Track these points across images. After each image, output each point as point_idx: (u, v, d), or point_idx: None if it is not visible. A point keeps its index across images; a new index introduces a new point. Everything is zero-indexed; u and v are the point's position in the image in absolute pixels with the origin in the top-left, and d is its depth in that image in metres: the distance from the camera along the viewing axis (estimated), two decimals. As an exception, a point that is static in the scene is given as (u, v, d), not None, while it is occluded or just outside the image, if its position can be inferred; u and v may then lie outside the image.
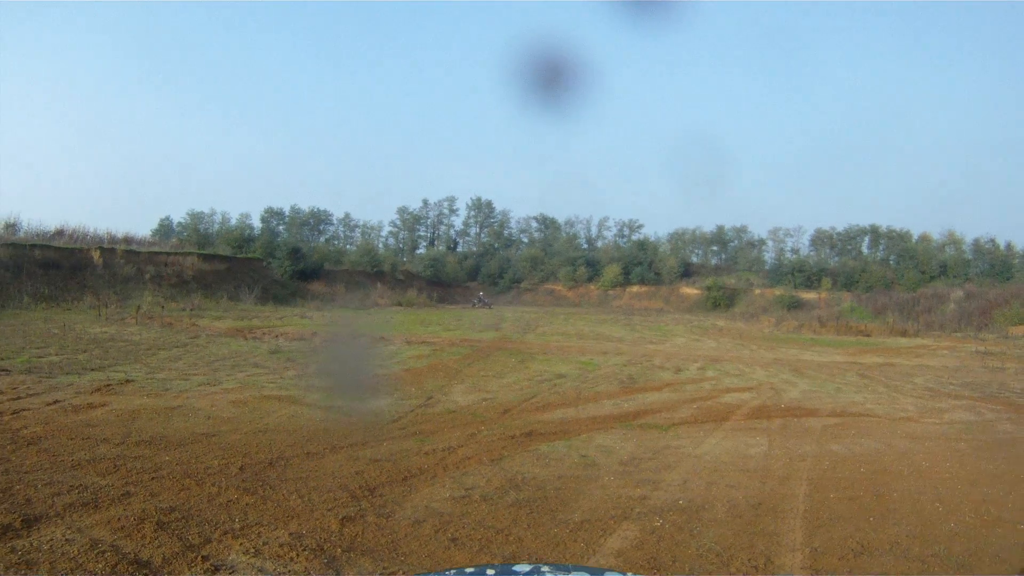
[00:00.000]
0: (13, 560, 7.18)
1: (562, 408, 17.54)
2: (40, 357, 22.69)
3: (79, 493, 9.26)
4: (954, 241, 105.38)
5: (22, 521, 8.12)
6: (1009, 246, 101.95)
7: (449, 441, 13.30)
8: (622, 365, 26.80)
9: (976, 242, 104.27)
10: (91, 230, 63.51)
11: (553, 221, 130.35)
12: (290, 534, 8.14)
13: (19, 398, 16.01)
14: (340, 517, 8.79)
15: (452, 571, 3.20)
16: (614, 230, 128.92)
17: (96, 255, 55.79)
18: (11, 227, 57.72)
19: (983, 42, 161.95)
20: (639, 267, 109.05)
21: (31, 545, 7.53)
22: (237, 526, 8.35)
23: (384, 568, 7.41)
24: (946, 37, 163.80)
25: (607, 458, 12.65)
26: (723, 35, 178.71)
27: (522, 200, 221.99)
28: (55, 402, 15.62)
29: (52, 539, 7.73)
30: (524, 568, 3.03)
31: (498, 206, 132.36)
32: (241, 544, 7.83)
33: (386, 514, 9.05)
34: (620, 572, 3.52)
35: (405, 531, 8.50)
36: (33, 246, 53.21)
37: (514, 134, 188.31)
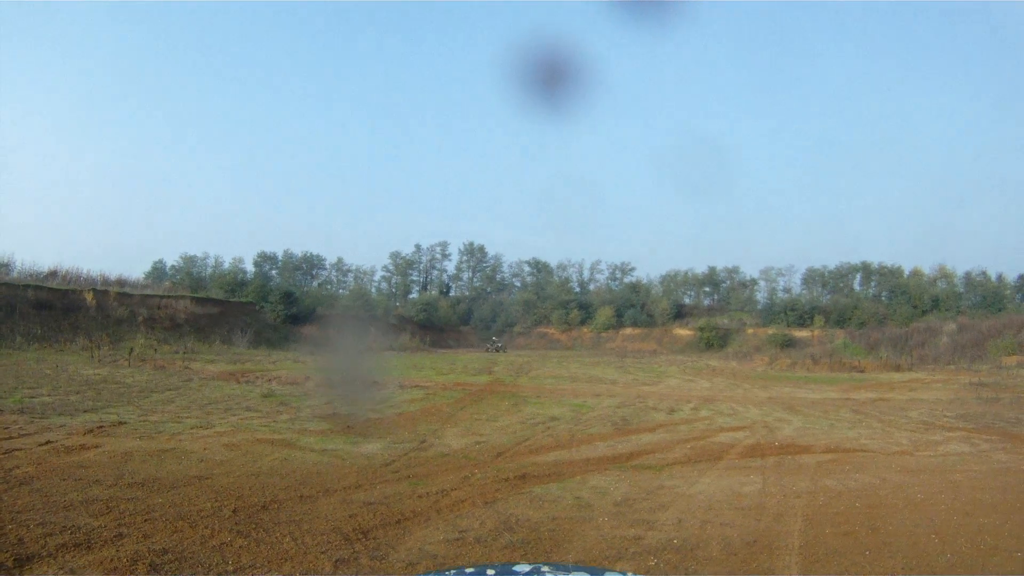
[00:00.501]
0: (4, 599, 7.17)
1: (556, 450, 17.47)
2: (32, 397, 22.72)
3: (72, 534, 9.24)
4: (945, 275, 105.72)
5: (14, 560, 8.13)
6: (1000, 278, 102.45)
7: (442, 484, 13.25)
8: (615, 407, 26.72)
9: (968, 275, 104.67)
10: (84, 271, 63.57)
11: (545, 265, 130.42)
12: (283, 577, 8.11)
13: (11, 438, 16.00)
14: (334, 560, 8.77)
15: (452, 571, 3.22)
16: (606, 273, 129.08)
17: (89, 296, 55.81)
18: (5, 267, 57.91)
19: (968, 73, 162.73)
20: (632, 309, 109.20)
21: (23, 585, 7.52)
22: (230, 568, 8.33)
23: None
24: (932, 68, 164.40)
25: (601, 499, 12.62)
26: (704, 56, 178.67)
27: (515, 244, 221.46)
28: (48, 443, 15.59)
29: (44, 580, 7.72)
30: (524, 568, 3.05)
31: (491, 251, 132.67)
32: (235, 587, 7.81)
33: (380, 556, 9.02)
34: (620, 572, 3.52)
35: (399, 573, 8.46)
36: (27, 286, 53.37)
37: (508, 169, 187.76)
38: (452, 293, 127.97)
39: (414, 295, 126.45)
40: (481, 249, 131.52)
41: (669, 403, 28.55)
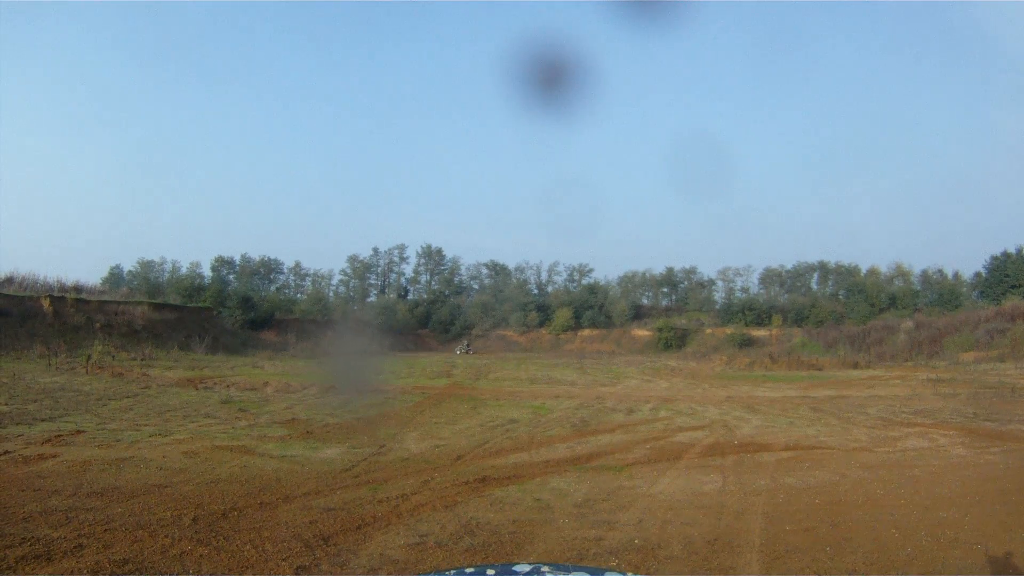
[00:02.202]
0: (-36, 613, 7.12)
1: (515, 453, 17.48)
2: (-13, 408, 22.37)
3: (31, 546, 9.17)
4: (902, 273, 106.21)
5: (-27, 573, 8.03)
6: (957, 275, 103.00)
7: (403, 488, 13.21)
8: (574, 408, 26.79)
9: (924, 273, 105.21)
10: (41, 278, 62.92)
11: (503, 267, 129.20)
12: (245, 585, 8.07)
13: (-32, 450, 15.74)
14: (295, 567, 8.73)
15: (452, 571, 3.21)
16: (564, 275, 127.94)
17: (46, 303, 55.00)
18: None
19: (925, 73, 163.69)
20: (590, 311, 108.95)
21: (-19, 598, 7.46)
22: (191, 577, 8.25)
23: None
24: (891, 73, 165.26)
25: (561, 501, 12.64)
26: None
27: (473, 246, 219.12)
28: (5, 453, 15.46)
29: (3, 591, 7.66)
30: (524, 568, 3.05)
31: (448, 253, 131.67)
32: (195, 595, 7.76)
33: (341, 563, 8.98)
34: (620, 572, 3.51)
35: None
36: (-19, 293, 52.47)
37: (469, 171, 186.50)
38: (410, 296, 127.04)
39: (372, 299, 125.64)
40: (439, 252, 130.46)
41: (628, 404, 28.63)
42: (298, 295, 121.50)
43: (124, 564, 8.57)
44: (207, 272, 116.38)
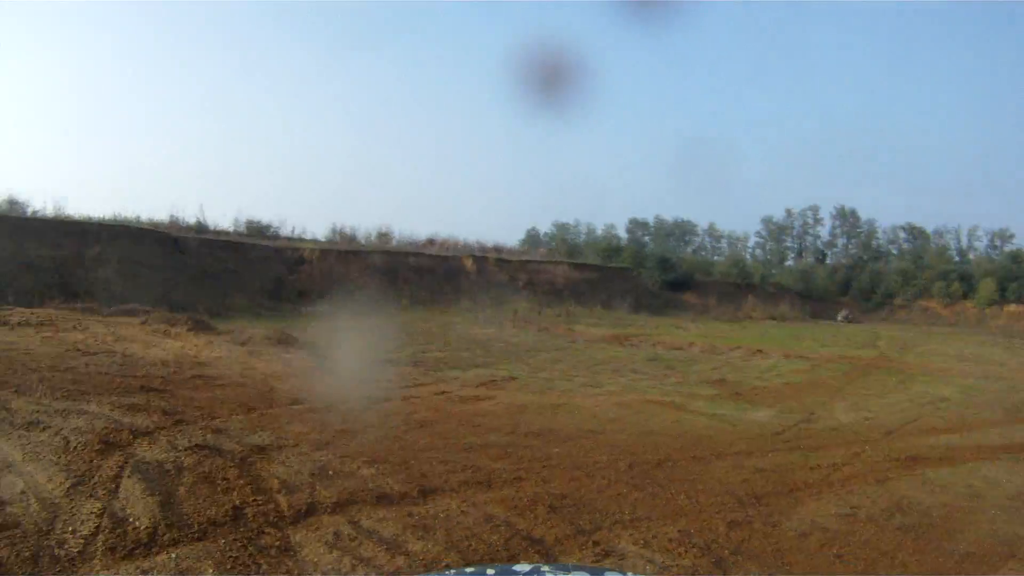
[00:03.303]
0: (410, 523, 7.87)
1: (945, 434, 16.71)
2: (424, 353, 24.50)
3: (472, 473, 9.95)
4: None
5: (419, 491, 8.91)
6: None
7: (833, 458, 13.05)
8: (1006, 391, 24.99)
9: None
10: (461, 240, 67.00)
11: (922, 231, 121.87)
12: (678, 531, 8.33)
13: (407, 387, 17.35)
14: (727, 521, 8.92)
15: (452, 571, 3.39)
16: (985, 240, 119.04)
17: (468, 263, 58.73)
18: (384, 236, 63.07)
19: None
20: (1015, 282, 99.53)
21: (427, 512, 8.23)
22: (627, 518, 8.69)
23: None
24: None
25: (993, 490, 12.01)
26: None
27: (886, 207, 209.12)
28: (442, 392, 16.75)
29: (447, 509, 8.40)
30: (524, 568, 3.06)
31: (863, 215, 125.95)
32: (631, 535, 8.14)
33: (772, 523, 9.09)
34: (620, 572, 3.66)
35: (791, 542, 8.50)
36: (407, 254, 57.30)
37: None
38: (827, 261, 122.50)
39: (789, 263, 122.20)
40: (854, 213, 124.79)
41: (1075, 390, 26.42)
42: (715, 257, 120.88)
43: (563, 498, 9.14)
44: (623, 234, 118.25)
